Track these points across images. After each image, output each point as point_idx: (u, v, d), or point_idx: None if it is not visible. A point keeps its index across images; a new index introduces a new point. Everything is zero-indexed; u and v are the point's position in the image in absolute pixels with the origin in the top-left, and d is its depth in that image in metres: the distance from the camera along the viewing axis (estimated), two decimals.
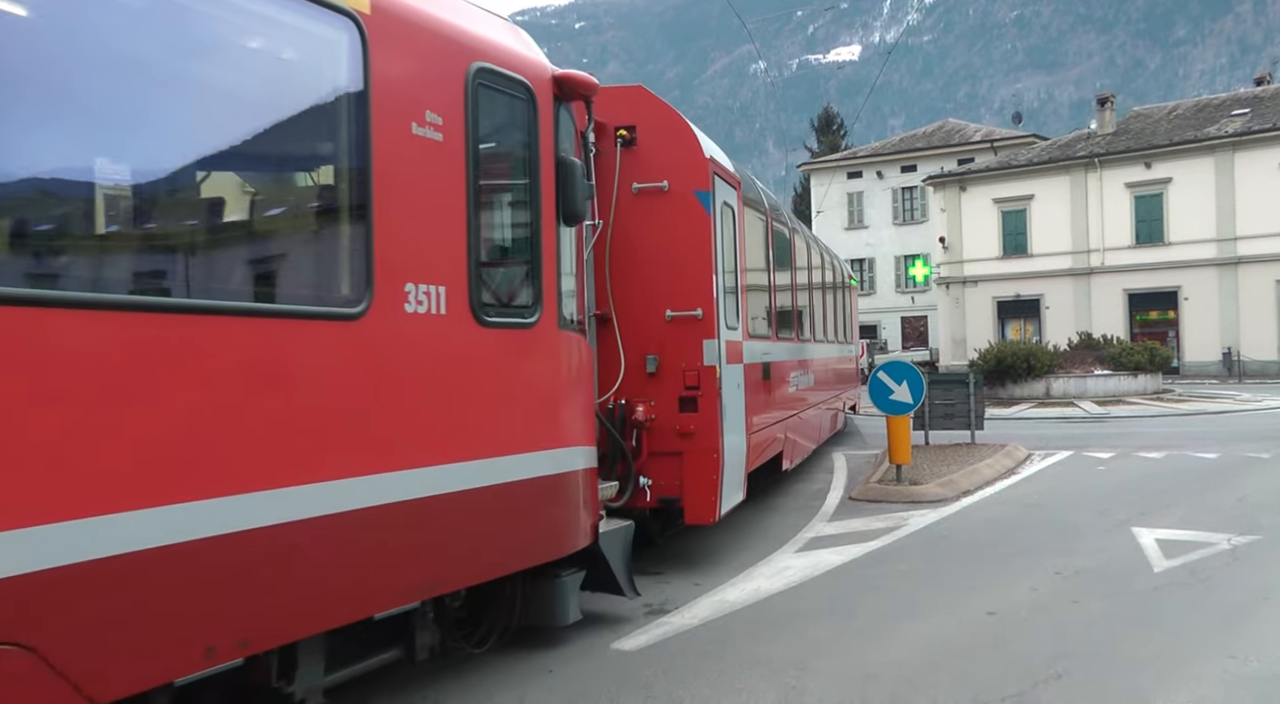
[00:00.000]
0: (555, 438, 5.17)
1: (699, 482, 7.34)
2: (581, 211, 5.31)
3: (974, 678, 5.10)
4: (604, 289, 7.38)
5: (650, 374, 7.37)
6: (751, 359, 8.68)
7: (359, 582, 4.03)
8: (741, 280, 8.57)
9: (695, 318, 7.36)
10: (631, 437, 7.26)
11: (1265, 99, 41.88)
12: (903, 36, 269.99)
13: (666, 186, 7.41)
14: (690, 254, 7.45)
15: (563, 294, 5.27)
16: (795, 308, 11.95)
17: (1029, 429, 19.38)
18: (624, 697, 4.99)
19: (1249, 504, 10.09)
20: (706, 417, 7.35)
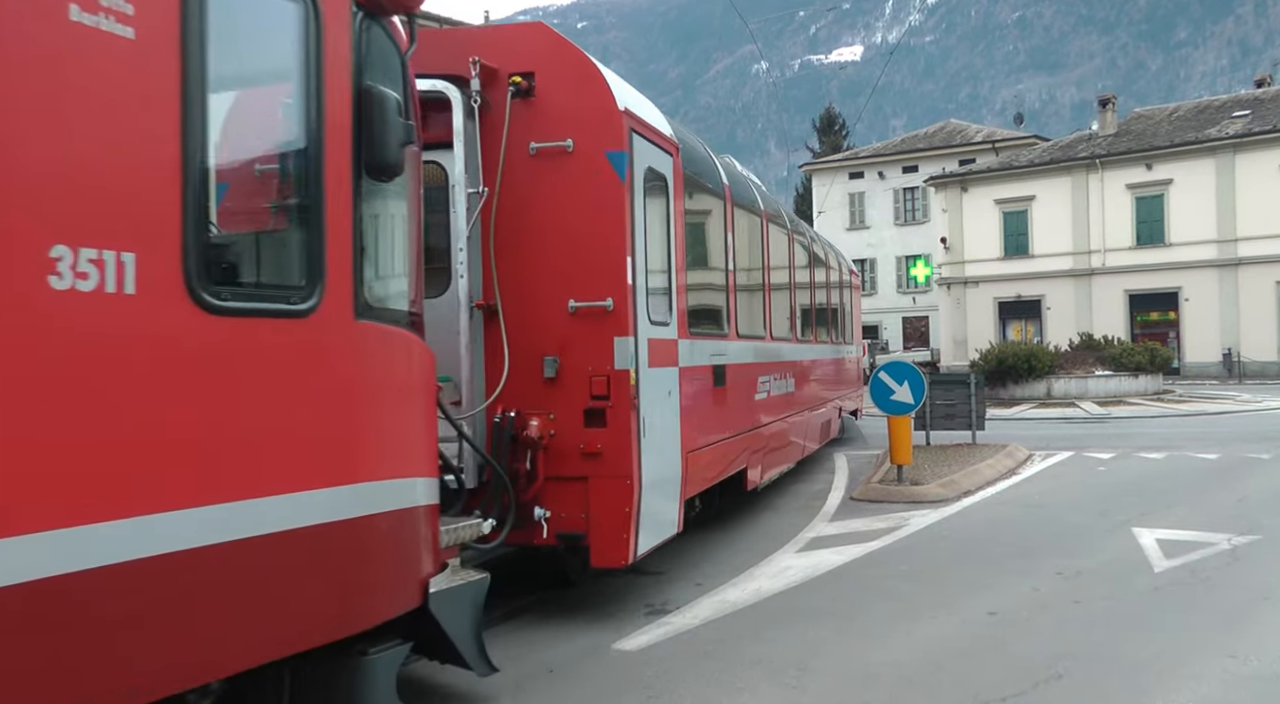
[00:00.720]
0: (349, 470, 3.77)
1: (607, 514, 5.99)
2: (393, 160, 3.93)
3: (975, 678, 5.10)
4: (493, 273, 6.18)
5: (549, 380, 6.04)
6: (694, 361, 7.44)
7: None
8: (678, 267, 7.19)
9: (604, 310, 5.99)
10: (525, 458, 5.94)
11: (1266, 101, 41.89)
12: (905, 37, 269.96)
13: (571, 146, 6.05)
14: (598, 230, 6.07)
15: (366, 273, 3.91)
16: (767, 304, 10.55)
17: (1030, 429, 19.38)
18: (625, 697, 5.00)
19: (1249, 504, 10.09)
20: (617, 433, 5.96)
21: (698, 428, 7.44)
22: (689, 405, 7.21)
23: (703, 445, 7.56)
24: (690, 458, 7.15)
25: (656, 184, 6.83)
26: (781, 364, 11.01)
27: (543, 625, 6.24)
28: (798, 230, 13.21)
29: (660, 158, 6.88)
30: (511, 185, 6.13)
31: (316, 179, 3.69)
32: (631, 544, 6.06)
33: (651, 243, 6.64)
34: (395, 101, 3.96)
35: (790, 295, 12.19)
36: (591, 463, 6.01)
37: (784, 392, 11.01)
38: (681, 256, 7.31)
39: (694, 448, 7.28)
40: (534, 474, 5.99)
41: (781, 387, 10.88)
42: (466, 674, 5.32)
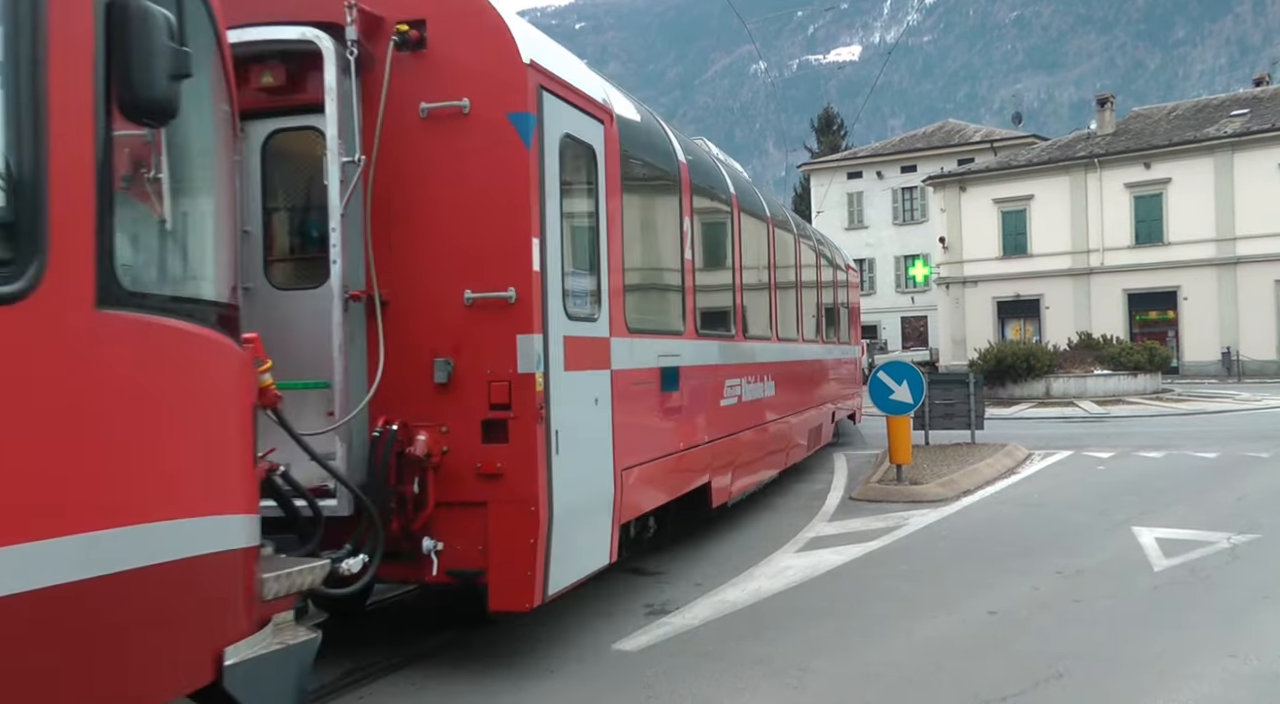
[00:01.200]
0: (88, 512, 2.76)
1: (508, 546, 5.05)
2: (158, 96, 3.02)
3: (975, 678, 5.10)
4: (369, 258, 5.36)
5: (440, 385, 5.14)
6: (634, 363, 6.46)
7: None
8: (612, 254, 6.19)
9: (504, 302, 5.07)
10: (412, 479, 5.05)
11: (1264, 99, 41.92)
12: (903, 37, 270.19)
13: (467, 107, 5.15)
14: (497, 206, 5.14)
15: (122, 247, 3.02)
16: (739, 300, 9.56)
17: (1029, 429, 19.38)
18: (625, 697, 5.00)
19: (1248, 503, 10.10)
20: (520, 449, 5.05)
21: (639, 440, 6.48)
22: (626, 414, 6.20)
23: (646, 460, 6.61)
24: (627, 476, 6.20)
25: (580, 155, 5.87)
26: (757, 366, 10.01)
27: (542, 625, 6.24)
28: (780, 219, 12.18)
29: (585, 124, 5.90)
30: (398, 153, 5.26)
31: (33, 116, 2.73)
32: (538, 582, 5.07)
33: (572, 224, 5.79)
34: (162, 18, 3.02)
35: (770, 290, 11.20)
36: (490, 485, 5.07)
37: (760, 396, 10.06)
38: (617, 242, 6.30)
39: (633, 463, 6.31)
40: (423, 498, 5.07)
41: (757, 390, 9.92)
42: (468, 671, 5.32)
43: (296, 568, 3.81)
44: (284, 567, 3.78)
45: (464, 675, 5.36)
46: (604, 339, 6.05)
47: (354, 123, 5.18)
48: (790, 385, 11.75)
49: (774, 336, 11.10)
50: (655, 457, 6.84)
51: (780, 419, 11.06)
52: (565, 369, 5.43)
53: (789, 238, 12.46)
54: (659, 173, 7.64)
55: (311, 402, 5.15)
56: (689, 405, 7.67)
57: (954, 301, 45.28)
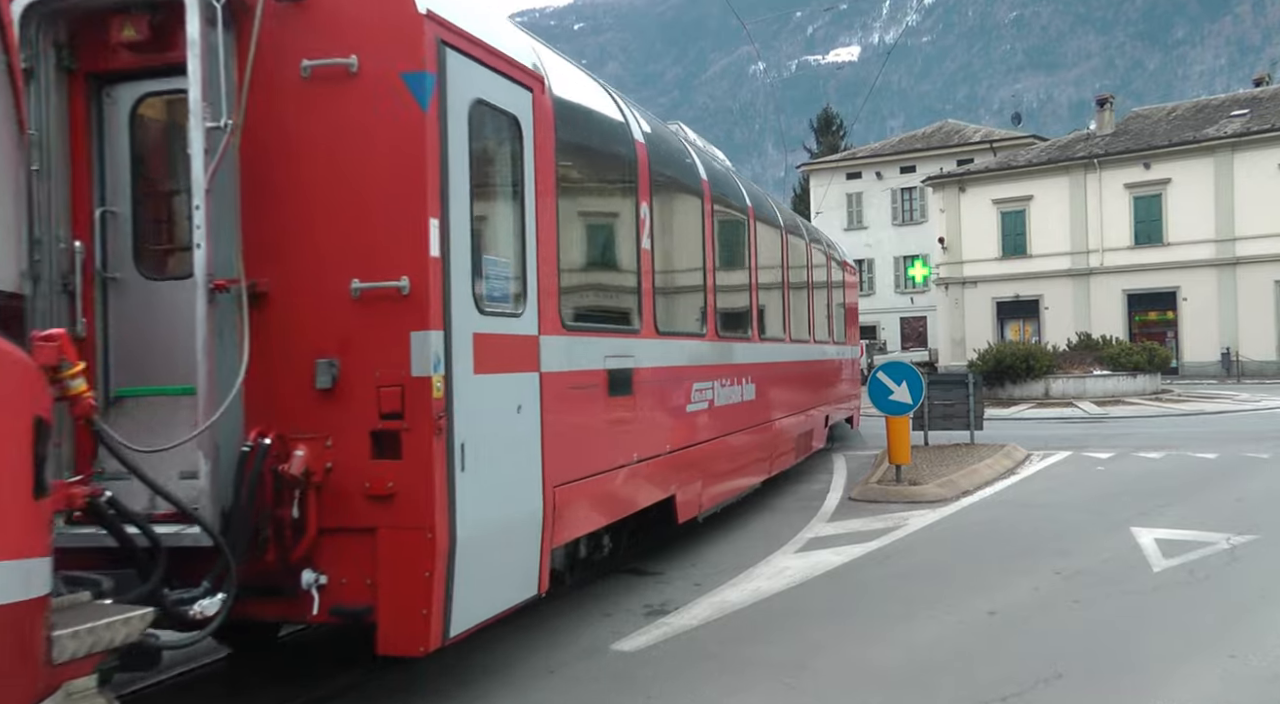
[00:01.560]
0: None
1: (400, 580, 4.34)
2: None
3: (974, 678, 5.11)
4: (256, 241, 4.59)
5: (323, 391, 4.43)
6: (577, 364, 5.77)
7: None
8: (544, 240, 5.45)
9: (397, 293, 4.36)
10: (291, 501, 4.34)
11: (1264, 100, 41.92)
12: (902, 37, 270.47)
13: (355, 65, 4.42)
14: (388, 180, 4.44)
15: None
16: (711, 295, 8.75)
17: (1028, 429, 19.39)
18: (624, 697, 5.00)
19: (1247, 504, 10.10)
20: (415, 466, 4.35)
21: (579, 452, 5.77)
22: (561, 422, 5.50)
23: (589, 474, 5.89)
24: (563, 493, 5.48)
25: (500, 126, 5.17)
26: (734, 368, 9.25)
27: (542, 626, 6.24)
28: (763, 209, 11.24)
29: (506, 91, 5.13)
30: (276, 119, 4.53)
31: None
32: (436, 622, 4.35)
33: (489, 206, 5.12)
34: None
35: (750, 286, 10.33)
36: (380, 508, 4.37)
37: (738, 400, 9.32)
38: (550, 228, 5.58)
39: (571, 478, 5.60)
40: (303, 524, 4.34)
41: (734, 394, 9.15)
42: (467, 672, 5.32)
43: (104, 621, 3.13)
44: (90, 618, 3.09)
45: (463, 677, 5.36)
46: (531, 337, 5.28)
47: (221, 82, 4.42)
48: (775, 388, 11.03)
49: (755, 336, 10.35)
50: (601, 470, 6.10)
51: (762, 425, 10.32)
52: (476, 372, 4.69)
53: (774, 231, 11.64)
54: (609, 151, 6.81)
55: (184, 410, 4.43)
56: (646, 412, 6.92)
57: (953, 302, 45.29)
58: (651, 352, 7.11)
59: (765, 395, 10.43)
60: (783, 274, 12.00)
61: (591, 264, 6.81)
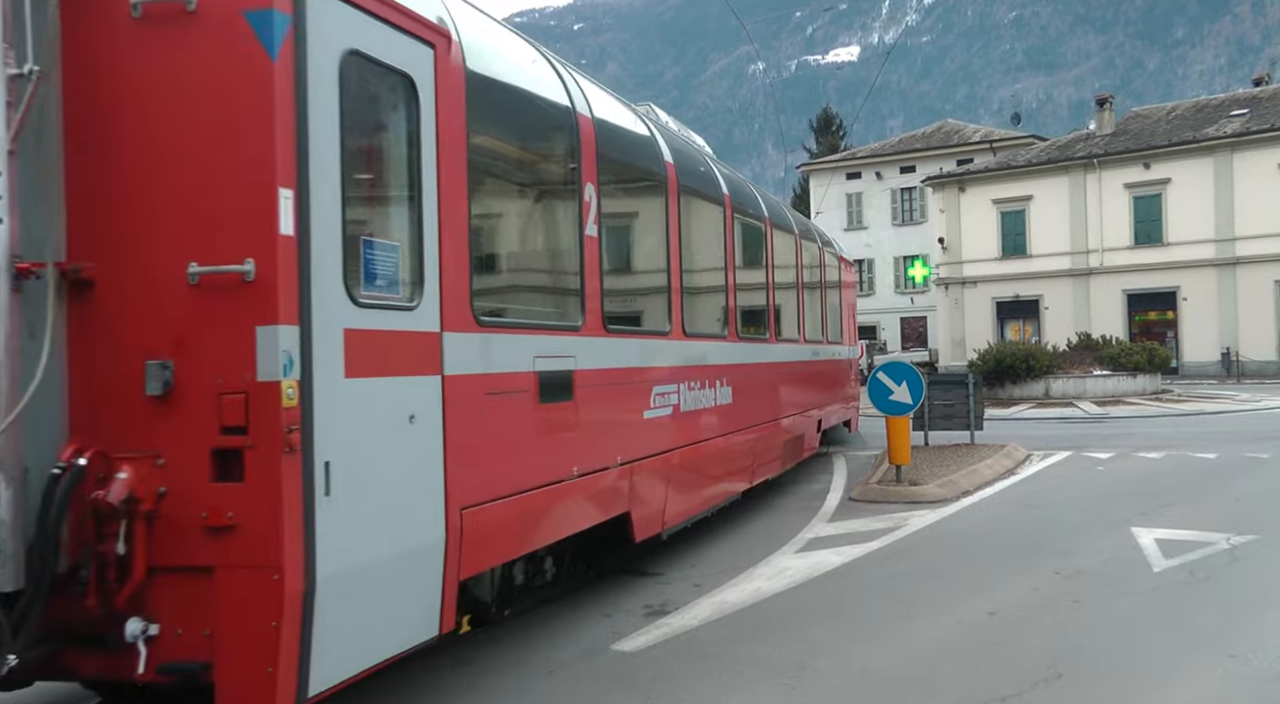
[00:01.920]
0: None
1: (240, 633, 3.60)
2: None
3: (974, 678, 5.11)
4: (79, 215, 3.84)
5: (155, 399, 3.69)
6: (495, 366, 4.95)
7: None
8: (449, 221, 4.60)
9: (240, 280, 3.64)
10: (116, 534, 3.59)
11: (1264, 99, 41.93)
12: (901, 37, 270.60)
13: (194, 3, 3.72)
14: (231, 142, 3.70)
15: None
16: (676, 288, 7.84)
17: (1028, 429, 19.39)
18: (624, 698, 5.00)
19: (1247, 504, 10.10)
20: (261, 491, 3.61)
21: (497, 468, 4.98)
22: (473, 434, 4.72)
23: (511, 493, 5.08)
24: (475, 517, 4.68)
25: (387, 85, 4.41)
26: (706, 369, 8.44)
27: (542, 627, 6.24)
28: (741, 195, 10.20)
29: (396, 45, 4.35)
30: (100, 67, 3.79)
31: None
32: (286, 682, 3.60)
33: (370, 176, 4.41)
34: None
35: (727, 279, 9.43)
36: (219, 543, 3.61)
37: (710, 405, 8.48)
38: (459, 207, 4.75)
39: (485, 499, 4.81)
40: (129, 562, 3.58)
41: (705, 398, 8.32)
42: (467, 673, 5.32)
43: None
44: None
45: (463, 677, 5.36)
46: (430, 335, 4.47)
47: (27, 19, 3.67)
48: (756, 391, 10.18)
49: (732, 335, 9.45)
50: (528, 487, 5.30)
51: (740, 431, 9.48)
52: (349, 375, 3.92)
53: (755, 221, 10.66)
54: (545, 124, 5.99)
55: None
56: (591, 419, 6.09)
57: (953, 302, 45.30)
58: (598, 352, 6.29)
59: (745, 399, 9.61)
60: (767, 268, 11.15)
61: (520, 252, 6.07)
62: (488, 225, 5.36)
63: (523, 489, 5.27)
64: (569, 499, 5.86)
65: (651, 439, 7.18)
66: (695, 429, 8.17)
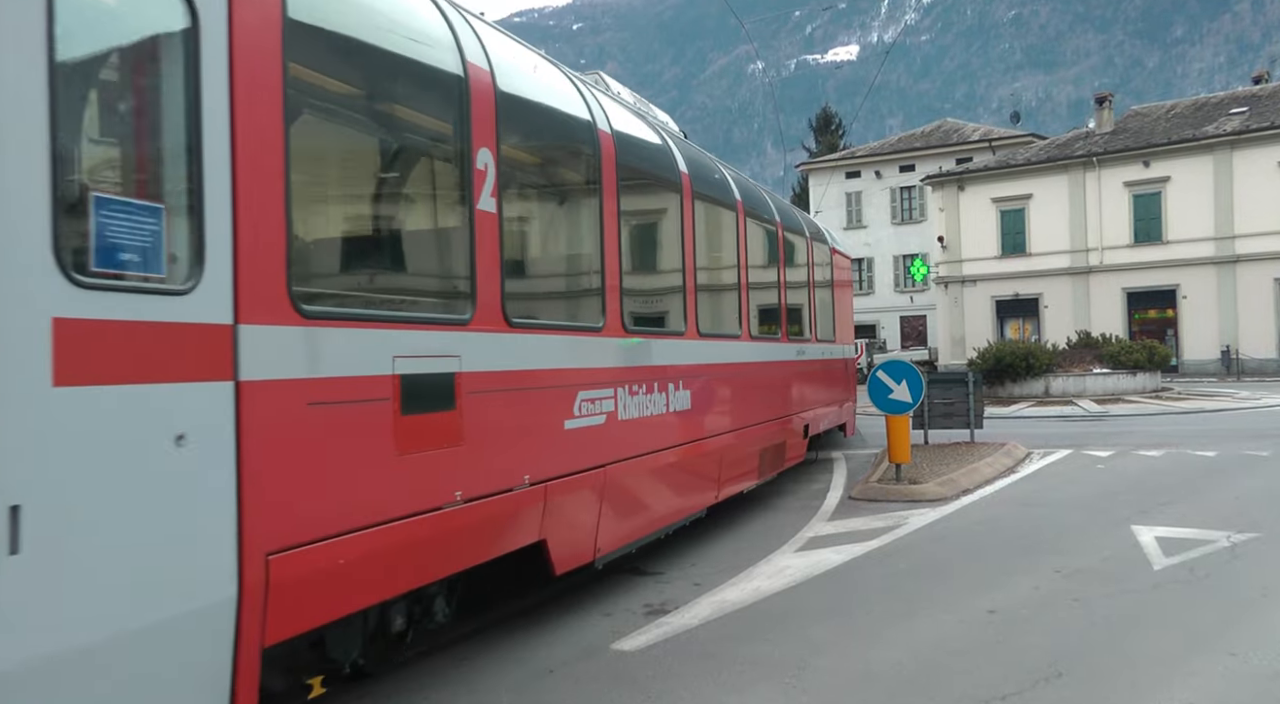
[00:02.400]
0: None
1: None
2: None
3: (974, 677, 5.10)
4: None
5: None
6: (331, 368, 3.92)
7: None
8: (245, 173, 3.57)
9: None
10: None
11: (1263, 98, 41.93)
12: (900, 36, 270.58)
13: None
14: None
15: None
16: (613, 273, 6.67)
17: (1028, 428, 19.39)
18: (624, 697, 4.99)
19: (1248, 502, 10.09)
20: None
21: (332, 497, 3.93)
22: (290, 457, 3.72)
23: (349, 529, 3.98)
24: (291, 563, 3.65)
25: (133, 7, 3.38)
26: (652, 371, 7.25)
27: (542, 626, 6.23)
28: (702, 173, 8.86)
29: None
30: None
31: None
32: None
33: (106, 108, 3.33)
34: None
35: (685, 266, 8.04)
36: None
37: (658, 411, 7.33)
38: (266, 156, 3.68)
39: (307, 539, 3.76)
40: None
41: (650, 404, 7.17)
42: (466, 672, 5.32)
43: None
44: None
45: (463, 676, 5.36)
46: (214, 328, 3.43)
47: None
48: (723, 395, 9.01)
49: (691, 331, 8.17)
50: (381, 520, 4.18)
51: (702, 440, 8.32)
52: (57, 383, 2.87)
53: (724, 210, 9.24)
54: (415, 71, 4.89)
55: None
56: (483, 433, 4.98)
57: (953, 301, 45.30)
58: (493, 350, 5.16)
59: (708, 404, 8.49)
60: (739, 255, 9.69)
61: (378, 226, 5.00)
62: (319, 188, 4.36)
63: (373, 523, 4.13)
64: (449, 530, 4.70)
65: (576, 453, 6.07)
66: (639, 440, 6.98)
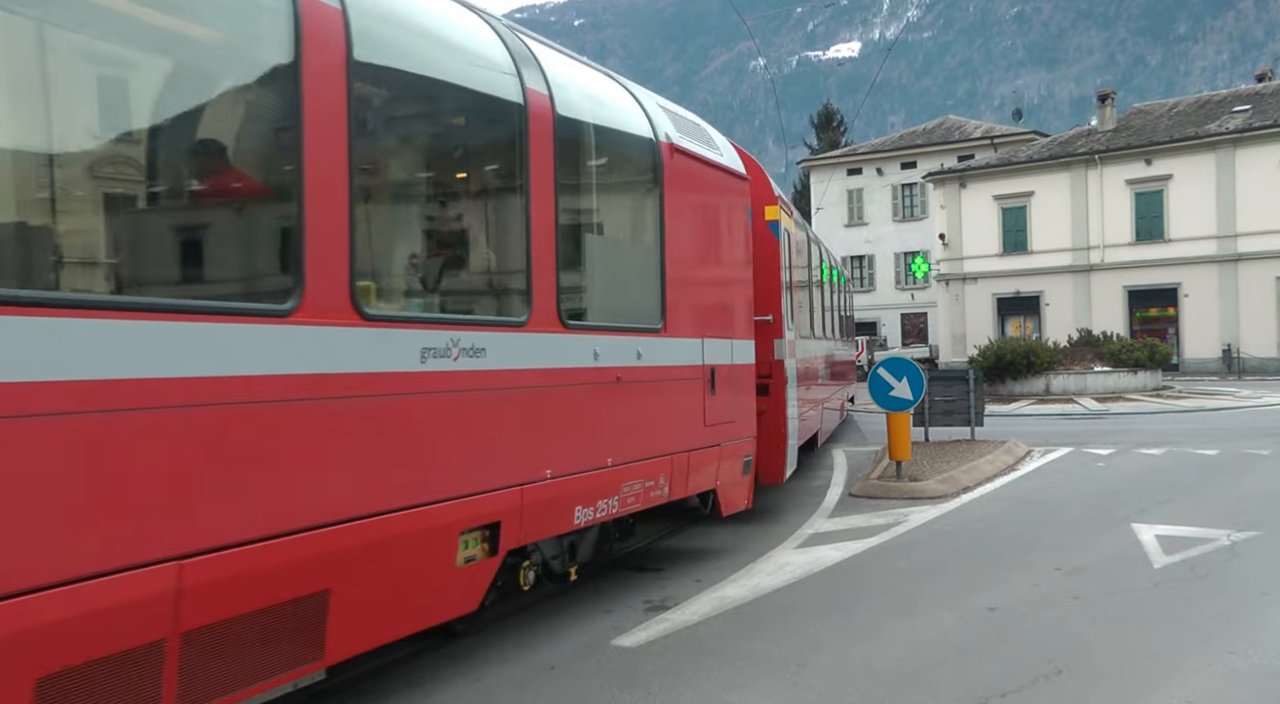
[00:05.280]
0: None
1: None
2: None
3: (974, 674, 5.10)
4: None
5: None
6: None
7: None
8: None
9: None
10: None
11: (1266, 96, 41.86)
12: (903, 33, 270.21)
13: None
14: None
15: None
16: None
17: (1029, 425, 19.38)
18: (624, 693, 5.00)
19: (1248, 500, 10.09)
20: None
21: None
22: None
23: (639, 458, 2.79)
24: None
25: None
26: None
27: (542, 622, 6.24)
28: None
29: None
30: None
31: None
32: None
33: None
34: None
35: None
36: None
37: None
38: None
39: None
40: None
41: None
42: (467, 668, 5.33)
43: None
44: None
45: (464, 672, 5.37)
46: None
47: None
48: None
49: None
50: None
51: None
52: None
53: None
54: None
55: None
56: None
57: (954, 298, 45.28)
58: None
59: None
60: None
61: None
62: None
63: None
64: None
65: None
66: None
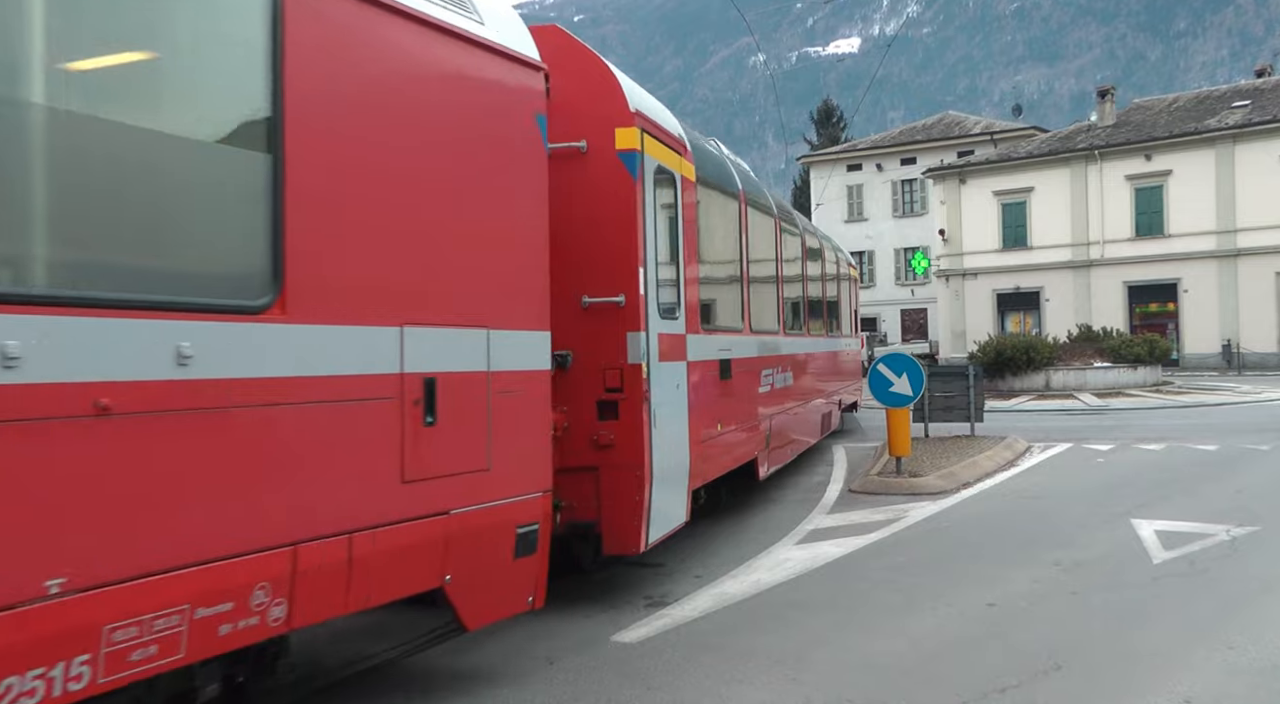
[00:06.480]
0: None
1: None
2: None
3: (974, 669, 5.11)
4: None
5: None
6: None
7: None
8: None
9: None
10: None
11: (1266, 91, 41.85)
12: (902, 29, 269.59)
13: None
14: None
15: None
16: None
17: (1029, 421, 19.38)
18: (624, 689, 5.01)
19: (1248, 496, 10.10)
20: None
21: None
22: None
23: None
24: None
25: None
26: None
27: (542, 617, 6.24)
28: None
29: None
30: None
31: None
32: None
33: None
34: None
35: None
36: None
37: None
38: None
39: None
40: None
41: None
42: (468, 662, 5.33)
43: None
44: None
45: (463, 667, 5.37)
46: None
47: None
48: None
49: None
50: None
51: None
52: None
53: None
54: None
55: None
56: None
57: (954, 294, 45.27)
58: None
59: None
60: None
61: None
62: None
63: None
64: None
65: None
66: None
